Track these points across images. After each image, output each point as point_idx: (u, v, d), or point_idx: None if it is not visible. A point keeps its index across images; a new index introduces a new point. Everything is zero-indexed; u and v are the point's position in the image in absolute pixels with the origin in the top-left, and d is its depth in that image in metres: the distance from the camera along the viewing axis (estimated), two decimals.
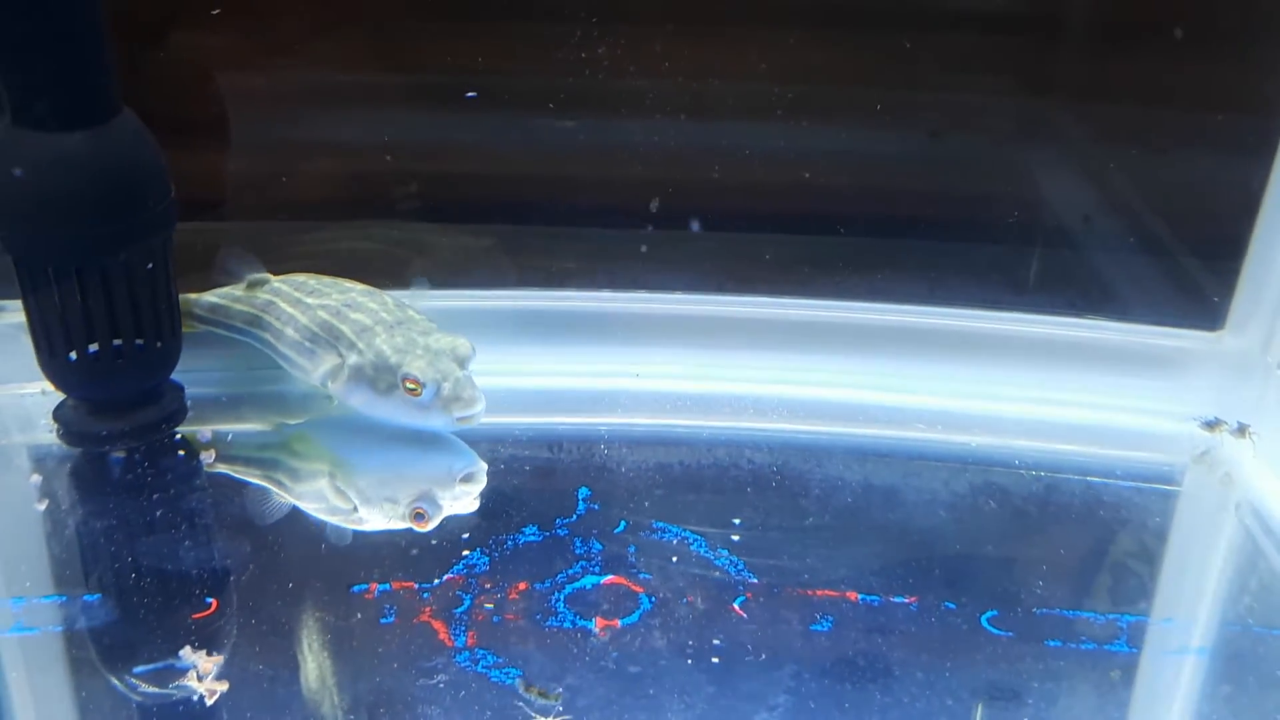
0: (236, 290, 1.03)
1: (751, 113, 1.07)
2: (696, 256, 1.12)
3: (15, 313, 1.02)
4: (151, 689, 0.74)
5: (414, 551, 0.87)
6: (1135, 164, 1.10)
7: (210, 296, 1.04)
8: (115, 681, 0.75)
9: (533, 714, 0.72)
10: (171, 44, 1.06)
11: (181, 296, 1.00)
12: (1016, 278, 1.12)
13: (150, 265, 0.94)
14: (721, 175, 1.08)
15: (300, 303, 0.99)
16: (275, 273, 1.04)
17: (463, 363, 0.93)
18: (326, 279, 1.03)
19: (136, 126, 0.92)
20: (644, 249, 1.12)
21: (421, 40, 1.08)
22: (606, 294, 1.13)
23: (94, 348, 0.94)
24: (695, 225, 1.11)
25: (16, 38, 0.85)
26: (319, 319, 0.97)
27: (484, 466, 0.95)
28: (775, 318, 1.11)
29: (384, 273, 1.11)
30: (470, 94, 1.05)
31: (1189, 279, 1.10)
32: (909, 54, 1.06)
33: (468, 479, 0.93)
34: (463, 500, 0.91)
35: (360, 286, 1.02)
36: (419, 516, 0.88)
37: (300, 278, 1.03)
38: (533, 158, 1.12)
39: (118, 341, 0.94)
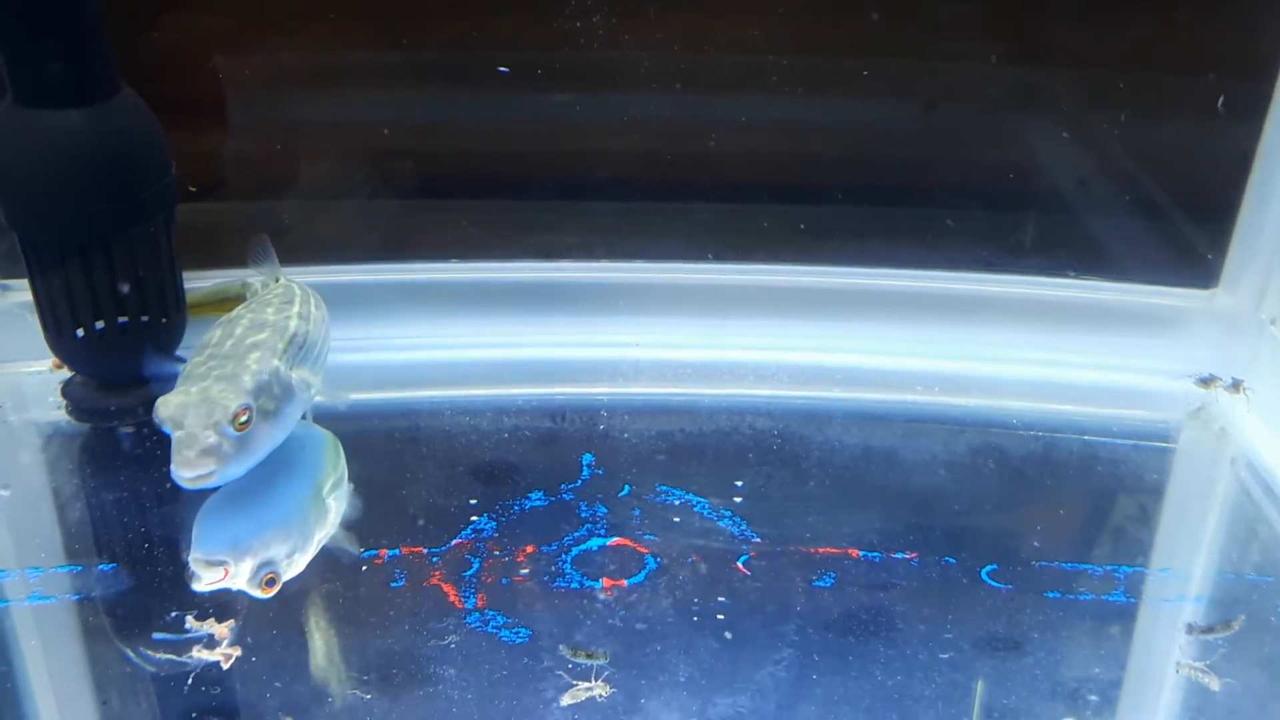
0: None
1: (747, 82, 1.08)
2: (694, 226, 1.13)
3: (21, 291, 1.03)
4: (166, 655, 0.75)
5: (421, 520, 0.88)
6: (1128, 127, 1.11)
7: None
8: (130, 648, 0.76)
9: (574, 680, 0.73)
10: (165, 24, 1.06)
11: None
12: (1012, 241, 1.13)
13: (153, 242, 0.95)
14: (718, 144, 1.09)
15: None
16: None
17: (215, 425, 0.77)
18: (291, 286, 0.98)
19: (137, 104, 0.93)
20: (642, 219, 1.13)
21: (415, 15, 1.08)
22: (604, 264, 1.14)
23: (100, 325, 0.95)
24: (692, 195, 1.12)
25: (17, 16, 0.85)
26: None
27: (216, 563, 0.79)
28: (773, 285, 1.12)
29: (381, 249, 1.13)
30: (502, 69, 1.05)
31: (1183, 238, 1.11)
32: (902, 21, 1.07)
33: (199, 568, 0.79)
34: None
35: (287, 305, 0.93)
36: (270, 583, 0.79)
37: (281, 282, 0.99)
38: (529, 130, 1.12)
39: (124, 319, 0.95)
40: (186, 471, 0.77)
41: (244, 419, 0.79)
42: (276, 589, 0.78)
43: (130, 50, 0.98)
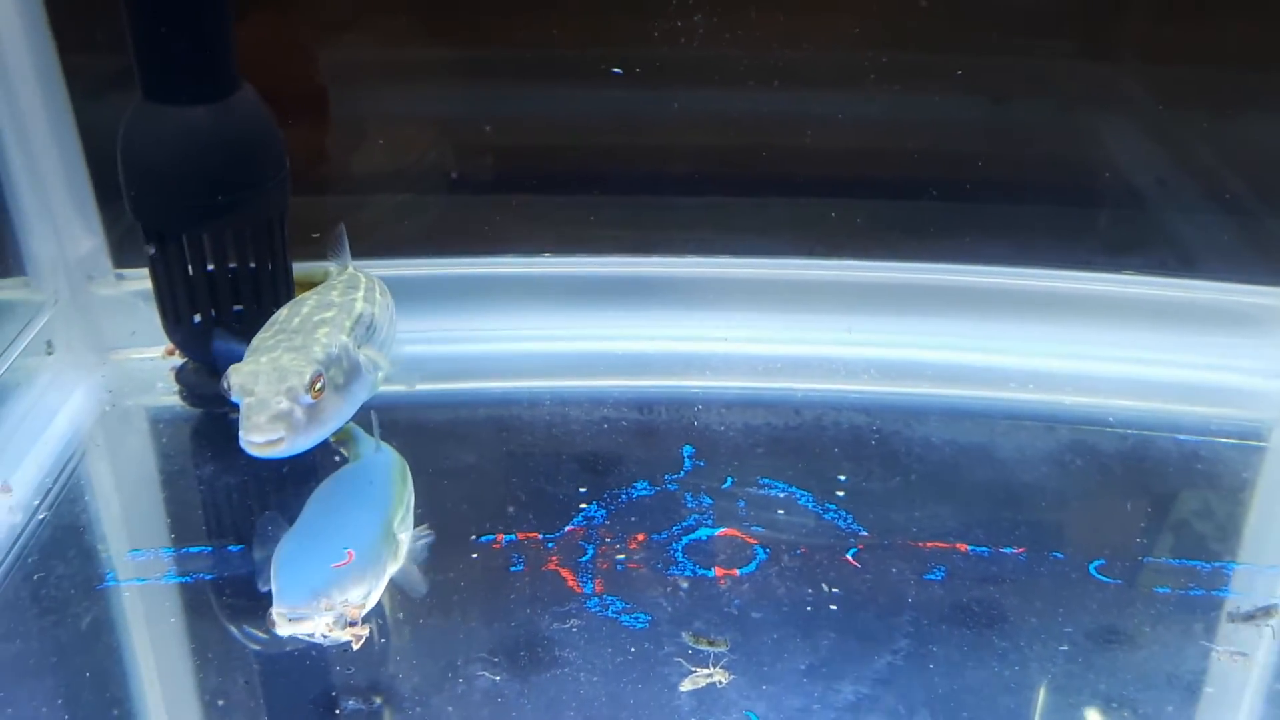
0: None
1: (843, 79, 1.09)
2: (788, 221, 1.14)
3: (135, 280, 1.07)
4: (297, 634, 0.77)
5: (533, 506, 0.90)
6: (1218, 123, 1.11)
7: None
8: (263, 627, 0.78)
9: (693, 667, 0.75)
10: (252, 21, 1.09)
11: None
12: (1106, 239, 1.13)
13: (269, 233, 0.97)
14: (814, 140, 1.10)
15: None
16: None
17: (289, 392, 0.77)
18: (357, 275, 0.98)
19: (256, 100, 0.95)
20: (737, 214, 1.14)
21: (517, 11, 1.10)
22: (696, 259, 1.15)
23: (215, 313, 0.98)
24: (787, 190, 1.13)
25: (150, 17, 0.88)
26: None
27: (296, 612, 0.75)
28: (864, 280, 1.13)
29: (475, 243, 1.15)
30: (615, 70, 1.07)
31: (1274, 237, 1.12)
32: (997, 19, 1.08)
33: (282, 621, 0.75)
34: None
35: (352, 290, 0.93)
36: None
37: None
38: (625, 126, 1.14)
39: (239, 307, 0.98)
40: (256, 436, 0.76)
41: (319, 385, 0.78)
42: (357, 629, 0.76)
43: None
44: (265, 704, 0.74)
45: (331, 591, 0.77)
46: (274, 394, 0.77)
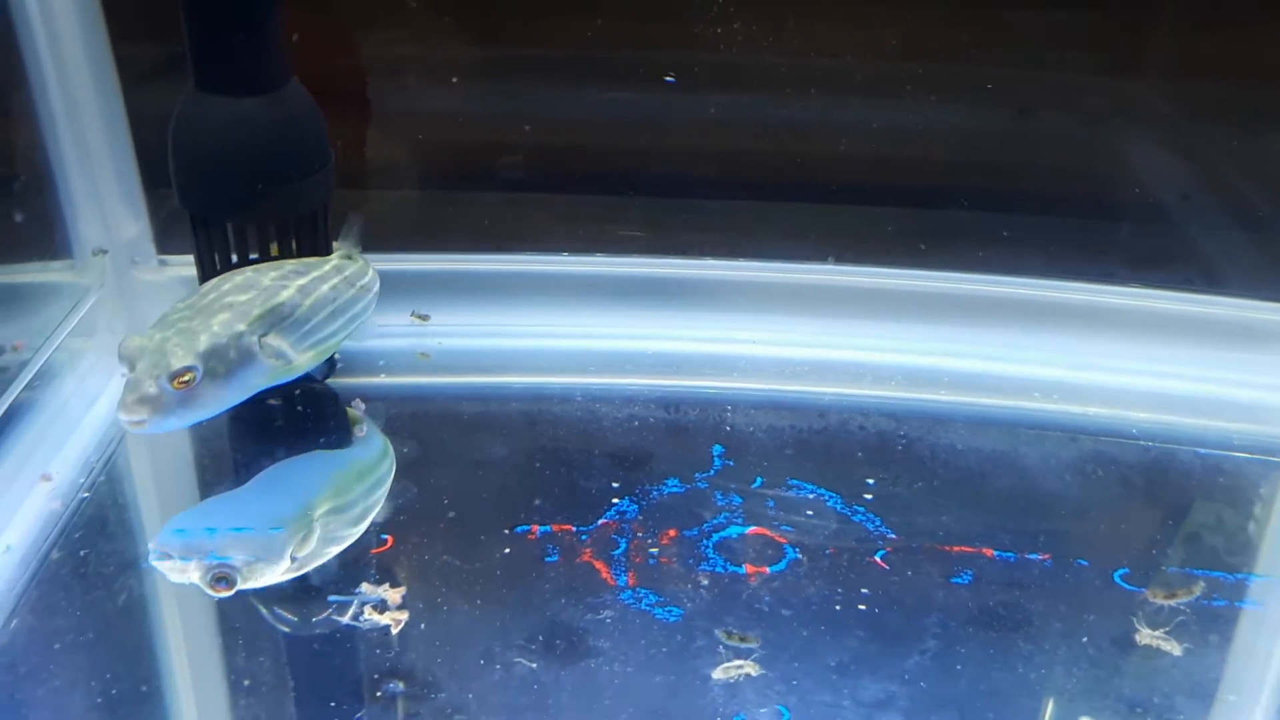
0: None
1: (880, 88, 1.10)
2: (818, 227, 1.16)
3: (178, 266, 1.09)
4: (338, 618, 0.79)
5: (567, 499, 0.92)
6: (1244, 139, 1.12)
7: None
8: (306, 611, 0.80)
9: (725, 661, 0.77)
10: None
11: None
12: (1131, 252, 1.15)
13: (312, 223, 0.99)
14: (849, 148, 1.12)
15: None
16: None
17: (166, 372, 0.80)
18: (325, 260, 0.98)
19: (303, 93, 0.97)
20: (769, 218, 1.16)
21: (552, 11, 1.12)
22: (727, 262, 1.17)
23: None
24: (821, 197, 1.15)
25: (206, 9, 0.90)
26: None
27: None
28: (893, 288, 1.15)
29: (509, 241, 1.17)
30: (669, 78, 1.09)
31: None
32: (1036, 32, 1.09)
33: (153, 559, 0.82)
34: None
35: (295, 275, 0.92)
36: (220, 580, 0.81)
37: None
38: (664, 130, 1.16)
39: None
40: (124, 415, 0.80)
41: (186, 379, 0.80)
42: (229, 590, 0.80)
43: None
44: (299, 683, 0.76)
45: (206, 547, 0.82)
46: (148, 375, 0.80)
